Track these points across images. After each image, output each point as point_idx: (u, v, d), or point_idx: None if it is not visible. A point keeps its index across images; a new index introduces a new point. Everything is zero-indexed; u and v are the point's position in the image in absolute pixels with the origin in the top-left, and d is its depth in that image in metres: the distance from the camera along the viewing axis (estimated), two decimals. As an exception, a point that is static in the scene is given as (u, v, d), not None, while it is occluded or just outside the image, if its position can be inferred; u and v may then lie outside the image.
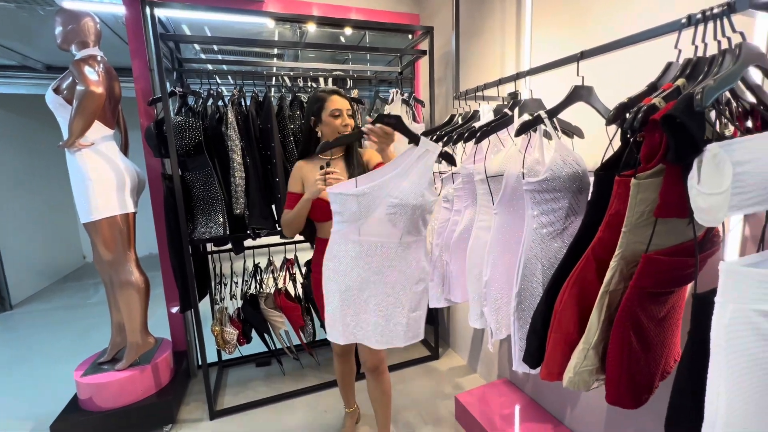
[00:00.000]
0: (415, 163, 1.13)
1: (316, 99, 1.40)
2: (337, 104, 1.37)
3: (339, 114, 1.37)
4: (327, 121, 1.38)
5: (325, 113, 1.38)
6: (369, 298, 1.21)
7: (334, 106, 1.37)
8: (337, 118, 1.37)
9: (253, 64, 2.39)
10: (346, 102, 1.40)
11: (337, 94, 1.40)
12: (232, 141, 1.76)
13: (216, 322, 2.04)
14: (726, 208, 0.57)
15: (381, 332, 1.22)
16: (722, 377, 0.59)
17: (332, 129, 1.38)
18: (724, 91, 0.63)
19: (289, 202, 1.43)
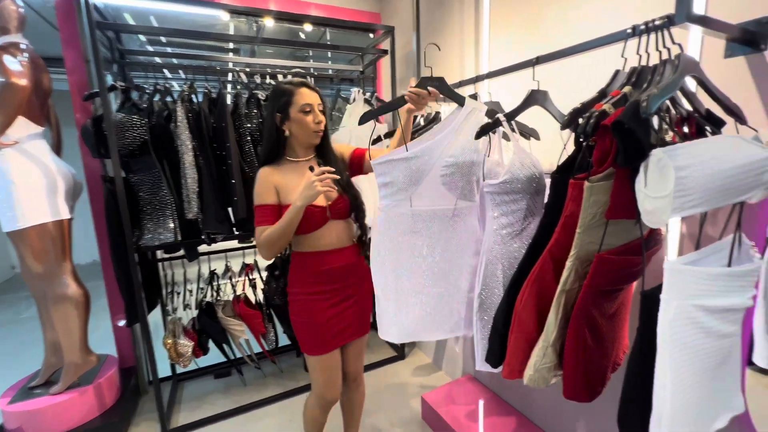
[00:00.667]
0: (464, 121, 1.08)
1: (281, 92, 1.20)
2: (308, 98, 1.19)
3: (310, 109, 1.19)
4: (297, 118, 1.19)
5: (293, 109, 1.19)
6: (425, 280, 1.13)
7: (304, 101, 1.18)
8: (308, 114, 1.19)
9: (205, 59, 2.26)
10: (317, 95, 1.22)
11: (305, 86, 1.21)
12: (182, 140, 1.64)
13: (168, 334, 1.91)
14: (669, 211, 0.60)
15: (439, 321, 1.16)
16: (667, 370, 0.63)
17: (304, 127, 1.20)
18: (666, 98, 0.67)
19: (263, 216, 1.18)
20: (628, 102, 0.73)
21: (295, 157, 1.27)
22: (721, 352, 0.68)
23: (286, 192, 1.20)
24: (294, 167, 1.25)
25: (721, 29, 0.82)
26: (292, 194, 1.19)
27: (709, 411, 0.70)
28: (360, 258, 1.34)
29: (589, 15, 1.23)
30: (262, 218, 1.18)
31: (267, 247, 1.17)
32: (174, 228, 1.65)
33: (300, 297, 1.27)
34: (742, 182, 0.59)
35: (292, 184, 1.21)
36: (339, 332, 1.29)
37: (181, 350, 1.89)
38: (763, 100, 0.88)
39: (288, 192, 1.20)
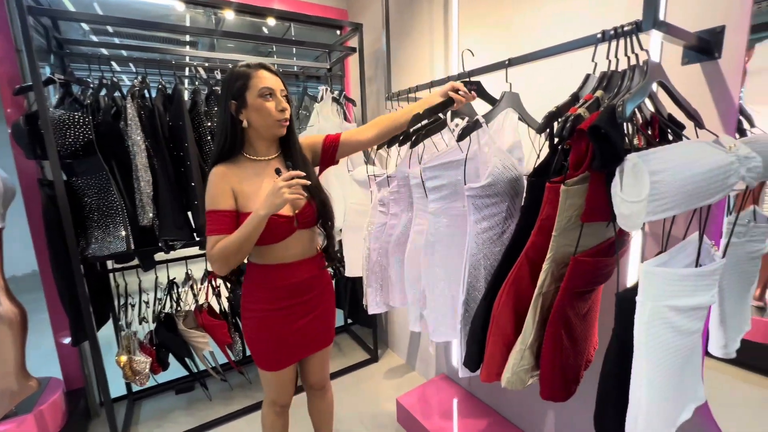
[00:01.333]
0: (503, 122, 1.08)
1: (237, 76, 1.03)
2: (268, 81, 1.03)
3: (271, 93, 1.03)
4: (255, 104, 1.03)
5: (251, 94, 1.02)
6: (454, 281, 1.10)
7: (263, 84, 1.02)
8: (268, 99, 1.03)
9: (159, 51, 2.09)
10: (279, 80, 1.06)
11: (264, 68, 1.04)
12: (134, 140, 1.51)
13: (122, 350, 1.75)
14: (644, 214, 0.61)
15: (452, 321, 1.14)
16: (643, 370, 0.64)
17: (265, 116, 1.03)
18: (639, 103, 0.68)
19: (217, 224, 1.02)
20: (602, 106, 0.75)
21: (255, 154, 1.11)
22: (688, 349, 0.70)
23: (245, 197, 1.06)
24: (254, 167, 1.09)
25: (681, 37, 0.85)
26: (252, 199, 1.05)
27: (678, 405, 0.73)
28: (324, 269, 1.26)
29: (557, 19, 1.25)
30: (216, 226, 1.02)
31: (221, 261, 1.01)
32: (126, 236, 1.51)
33: (259, 314, 1.16)
34: (710, 186, 0.61)
35: (251, 188, 1.06)
36: (301, 347, 1.23)
37: (137, 367, 1.74)
38: (717, 106, 0.93)
39: (247, 197, 1.06)
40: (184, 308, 1.96)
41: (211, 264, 1.04)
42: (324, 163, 1.26)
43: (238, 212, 1.06)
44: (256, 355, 1.21)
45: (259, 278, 1.16)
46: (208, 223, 1.04)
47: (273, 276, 1.14)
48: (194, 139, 1.66)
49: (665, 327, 0.65)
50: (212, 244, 1.02)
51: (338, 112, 2.18)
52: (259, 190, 1.07)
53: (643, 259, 1.05)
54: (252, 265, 1.17)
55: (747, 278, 0.93)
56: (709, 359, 0.99)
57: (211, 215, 1.04)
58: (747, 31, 0.87)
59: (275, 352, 1.19)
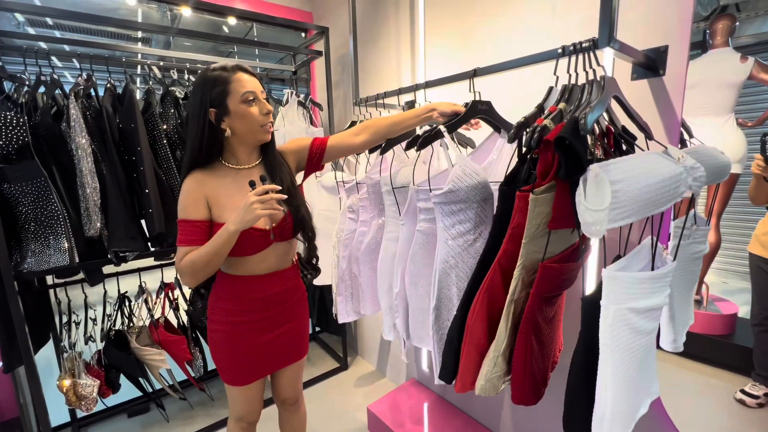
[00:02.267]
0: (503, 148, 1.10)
1: (213, 81, 0.95)
2: (249, 84, 0.96)
3: (254, 98, 0.97)
4: (239, 111, 0.96)
5: (233, 100, 0.95)
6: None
7: (245, 88, 0.95)
8: (252, 104, 0.97)
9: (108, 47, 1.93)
10: (257, 81, 1.00)
11: (243, 70, 0.98)
12: (78, 143, 1.38)
13: (65, 374, 1.59)
14: (607, 222, 0.64)
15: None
16: (609, 372, 0.67)
17: (250, 122, 0.98)
18: (599, 116, 0.71)
19: (188, 235, 0.97)
20: (565, 118, 0.78)
21: (236, 163, 1.05)
22: (645, 347, 0.74)
23: (221, 207, 1.00)
24: (234, 176, 1.03)
25: (631, 54, 0.92)
26: (228, 210, 1.00)
27: (637, 402, 0.77)
28: (299, 279, 1.21)
29: (518, 31, 1.31)
30: (186, 237, 0.97)
31: (190, 274, 0.96)
32: (69, 248, 1.38)
33: (227, 327, 1.10)
34: (664, 195, 0.66)
35: (228, 198, 1.00)
36: (272, 361, 1.18)
37: (82, 392, 1.59)
38: (663, 119, 1.01)
39: (223, 207, 1.00)
40: (138, 324, 1.82)
41: (179, 276, 1.00)
42: (310, 168, 1.20)
43: (212, 222, 1.01)
44: (222, 370, 1.14)
45: (228, 290, 1.09)
46: (179, 232, 0.98)
47: (244, 288, 1.08)
48: (148, 142, 1.55)
49: (626, 329, 0.68)
50: (181, 255, 0.97)
51: (304, 116, 2.14)
52: (236, 201, 1.00)
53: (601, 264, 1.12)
54: (222, 275, 1.10)
55: (691, 277, 1.01)
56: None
57: (182, 225, 0.98)
58: (687, 51, 0.95)
59: (243, 367, 1.13)
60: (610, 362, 0.67)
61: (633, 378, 0.70)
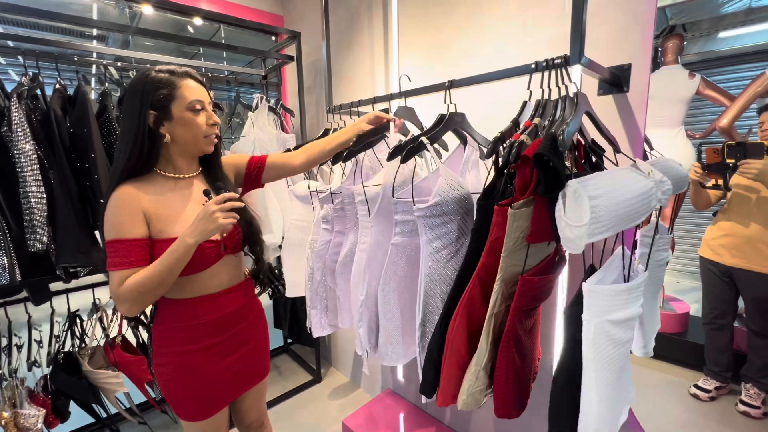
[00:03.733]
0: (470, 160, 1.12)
1: (157, 83, 0.89)
2: (197, 93, 0.92)
3: (202, 107, 0.93)
4: (184, 118, 0.91)
5: (177, 106, 0.90)
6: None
7: (194, 96, 0.91)
8: (199, 113, 0.92)
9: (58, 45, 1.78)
10: (206, 91, 0.96)
11: (191, 77, 0.93)
12: (21, 149, 1.25)
13: (4, 404, 1.43)
14: (587, 237, 0.65)
15: None
16: (593, 385, 0.68)
17: (194, 132, 0.93)
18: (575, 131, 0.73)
19: (126, 256, 0.86)
20: (541, 134, 0.79)
21: (173, 171, 0.97)
22: (623, 357, 0.76)
23: (162, 221, 0.91)
24: (172, 186, 0.96)
25: (597, 71, 0.95)
26: (171, 224, 0.92)
27: (618, 409, 0.79)
28: (253, 295, 1.15)
29: (491, 47, 1.33)
30: (124, 259, 0.85)
31: (133, 300, 0.85)
32: (9, 265, 1.24)
33: (175, 358, 0.98)
34: (638, 209, 0.68)
35: (170, 210, 0.93)
36: (232, 387, 1.08)
37: (25, 423, 1.43)
38: (627, 133, 1.06)
39: (165, 221, 0.91)
40: (91, 344, 1.67)
41: (118, 305, 0.87)
42: (247, 185, 1.17)
43: (151, 240, 0.91)
44: (177, 406, 1.02)
45: (174, 316, 0.98)
46: (111, 255, 0.86)
47: (194, 311, 0.98)
48: (103, 148, 1.43)
49: (607, 340, 0.69)
50: (119, 281, 0.85)
51: (275, 122, 2.07)
52: (182, 213, 0.93)
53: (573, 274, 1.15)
54: (165, 301, 0.99)
55: (657, 283, 1.05)
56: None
57: (115, 245, 0.86)
58: (649, 68, 1.00)
59: (201, 400, 1.02)
60: (594, 374, 0.68)
61: (614, 388, 0.71)
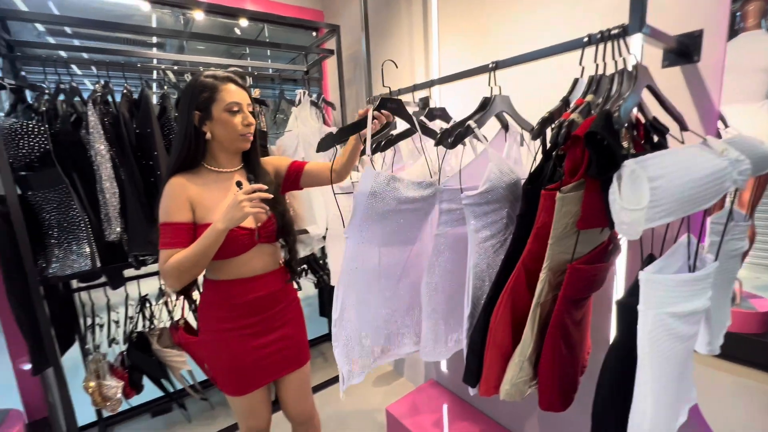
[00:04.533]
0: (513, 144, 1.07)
1: (202, 87, 1.00)
2: (236, 96, 1.02)
3: (239, 109, 1.02)
4: (222, 119, 1.01)
5: (217, 108, 1.00)
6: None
7: (231, 98, 1.01)
8: (236, 114, 1.02)
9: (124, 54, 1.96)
10: (246, 94, 1.05)
11: (232, 81, 1.03)
12: (97, 149, 1.40)
13: (90, 376, 1.63)
14: (645, 222, 0.59)
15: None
16: (648, 380, 0.63)
17: (230, 131, 1.02)
18: (633, 107, 0.67)
19: (172, 237, 0.97)
20: (593, 111, 0.73)
21: (216, 166, 1.08)
22: (685, 353, 0.70)
23: (204, 209, 1.02)
24: (215, 179, 1.06)
25: (662, 40, 0.86)
26: (211, 212, 1.02)
27: (677, 410, 0.73)
28: (288, 283, 1.21)
29: (533, 28, 1.25)
30: (171, 240, 0.97)
31: (175, 276, 0.96)
32: (90, 253, 1.40)
33: (216, 335, 1.10)
34: (707, 191, 0.61)
35: (211, 200, 1.03)
36: (268, 368, 1.15)
37: (107, 393, 1.62)
38: (697, 108, 0.95)
39: (206, 209, 1.02)
40: (159, 326, 1.85)
41: (163, 279, 0.99)
42: (286, 186, 1.23)
43: (196, 224, 1.02)
44: (219, 381, 1.14)
45: (215, 296, 1.09)
46: (161, 236, 0.98)
47: (231, 292, 1.08)
48: (164, 146, 1.56)
49: (666, 334, 0.64)
50: (165, 258, 0.97)
51: (317, 115, 2.12)
52: (221, 202, 1.03)
53: (631, 263, 1.06)
54: (208, 282, 1.11)
55: (729, 276, 0.95)
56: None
57: (165, 228, 0.98)
58: (725, 35, 0.89)
59: (238, 375, 1.12)
60: (650, 370, 0.63)
61: (673, 385, 0.66)
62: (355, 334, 1.07)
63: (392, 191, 0.95)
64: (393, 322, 1.15)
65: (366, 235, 1.00)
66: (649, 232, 0.97)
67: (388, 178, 0.94)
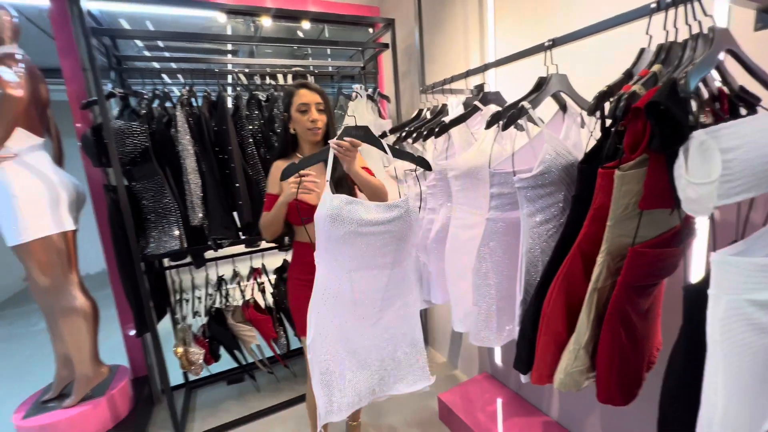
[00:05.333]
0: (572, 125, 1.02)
1: (286, 93, 1.32)
2: (305, 98, 1.27)
3: (306, 109, 1.27)
4: (295, 117, 1.29)
5: (293, 108, 1.28)
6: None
7: (300, 100, 1.27)
8: (304, 113, 1.27)
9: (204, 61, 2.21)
10: (316, 95, 1.29)
11: (305, 87, 1.30)
12: (183, 145, 1.61)
13: (179, 342, 1.88)
14: (715, 198, 0.54)
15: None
16: (720, 372, 0.58)
17: (301, 126, 1.29)
18: (705, 75, 0.61)
19: (267, 203, 1.34)
20: (661, 81, 0.68)
21: (302, 153, 1.35)
22: (771, 349, 0.62)
23: (285, 186, 1.24)
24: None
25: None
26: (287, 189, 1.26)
27: (760, 412, 0.65)
28: None
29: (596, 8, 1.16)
30: (266, 205, 1.32)
31: (263, 230, 1.31)
32: (179, 235, 1.62)
33: (293, 282, 1.39)
34: (798, 163, 0.54)
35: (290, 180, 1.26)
36: None
37: (192, 358, 1.86)
38: (800, 75, 0.82)
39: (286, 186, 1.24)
40: (233, 303, 2.07)
41: (261, 231, 1.33)
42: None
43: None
44: (295, 322, 1.43)
45: (294, 252, 1.41)
46: (265, 202, 1.34)
47: (299, 252, 1.37)
48: (237, 141, 1.74)
49: (745, 324, 0.57)
50: (263, 217, 1.31)
51: (372, 109, 2.18)
52: None
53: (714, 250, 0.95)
54: (293, 242, 1.42)
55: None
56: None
57: (266, 196, 1.35)
58: (838, -14, 0.75)
59: (300, 319, 1.35)
60: (723, 361, 0.57)
61: (756, 383, 0.59)
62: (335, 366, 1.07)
63: (350, 214, 0.98)
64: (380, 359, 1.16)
65: (331, 258, 1.03)
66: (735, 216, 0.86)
67: (345, 201, 0.99)
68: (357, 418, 1.64)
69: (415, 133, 1.47)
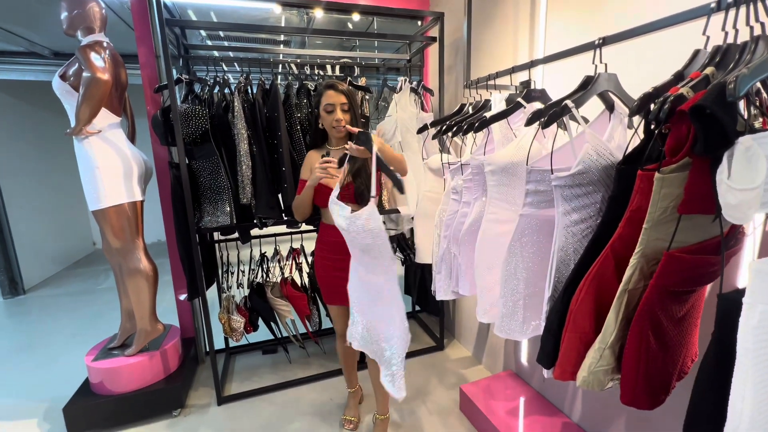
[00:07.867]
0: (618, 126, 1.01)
1: (317, 93, 1.49)
2: (330, 99, 1.41)
3: (332, 110, 1.42)
4: (322, 115, 1.45)
5: (321, 107, 1.44)
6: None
7: (327, 101, 1.42)
8: (329, 113, 1.43)
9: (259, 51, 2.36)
10: (342, 96, 1.42)
11: (332, 88, 1.42)
12: (238, 129, 1.74)
13: (223, 310, 2.06)
14: (758, 205, 0.54)
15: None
16: (748, 381, 0.57)
17: (327, 124, 1.46)
18: (759, 79, 0.59)
19: (299, 187, 1.51)
20: (711, 84, 0.66)
21: (332, 145, 1.55)
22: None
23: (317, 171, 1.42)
24: (332, 154, 1.48)
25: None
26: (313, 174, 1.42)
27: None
28: None
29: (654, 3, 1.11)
30: (298, 189, 1.52)
31: (294, 210, 1.53)
32: (230, 212, 1.76)
33: (317, 257, 1.61)
34: None
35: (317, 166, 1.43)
36: (340, 294, 1.45)
37: (234, 325, 2.03)
38: None
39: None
40: (272, 279, 2.22)
41: (293, 211, 1.54)
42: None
43: None
44: (321, 291, 1.65)
45: (320, 232, 1.60)
46: (298, 185, 1.54)
47: (324, 232, 1.56)
48: (286, 128, 1.85)
49: (778, 335, 0.57)
50: (295, 200, 1.51)
51: (416, 102, 2.21)
52: None
53: (761, 262, 0.90)
54: (320, 222, 1.60)
55: None
56: None
57: (299, 181, 1.54)
58: None
59: (325, 290, 1.62)
60: (752, 370, 0.57)
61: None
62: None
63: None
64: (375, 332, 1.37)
65: None
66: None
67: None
68: (385, 411, 1.69)
69: (456, 127, 1.50)
